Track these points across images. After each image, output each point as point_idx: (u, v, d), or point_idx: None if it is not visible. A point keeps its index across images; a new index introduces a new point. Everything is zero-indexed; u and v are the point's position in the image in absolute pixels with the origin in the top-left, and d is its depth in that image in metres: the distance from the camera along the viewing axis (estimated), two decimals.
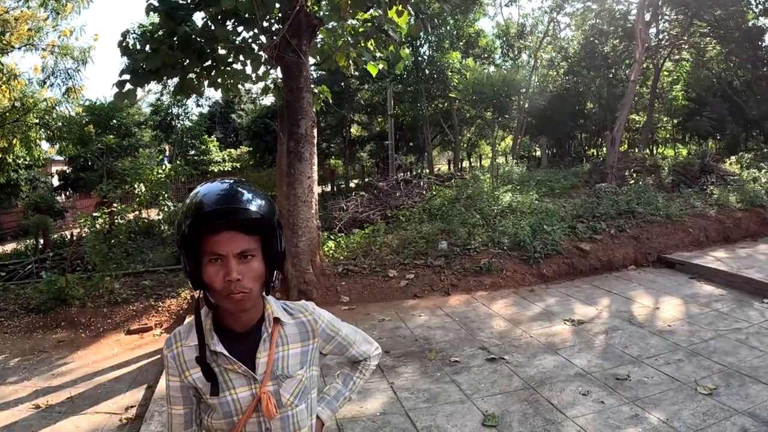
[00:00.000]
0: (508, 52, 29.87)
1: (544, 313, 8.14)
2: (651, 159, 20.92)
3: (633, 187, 14.61)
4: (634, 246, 11.02)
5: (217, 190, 1.77)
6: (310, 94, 9.10)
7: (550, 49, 30.57)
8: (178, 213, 1.82)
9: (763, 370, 5.75)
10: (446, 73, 24.21)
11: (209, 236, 1.71)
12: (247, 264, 1.74)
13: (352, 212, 13.71)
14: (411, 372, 6.20)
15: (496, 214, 12.04)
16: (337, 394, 2.29)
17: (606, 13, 26.60)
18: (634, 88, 19.04)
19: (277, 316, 1.90)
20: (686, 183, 15.82)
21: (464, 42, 26.83)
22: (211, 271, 1.72)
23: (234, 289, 1.70)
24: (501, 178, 16.66)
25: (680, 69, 29.79)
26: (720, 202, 13.06)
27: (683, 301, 8.41)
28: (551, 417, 5.02)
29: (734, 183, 14.77)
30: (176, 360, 1.85)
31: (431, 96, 26.59)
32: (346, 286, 9.39)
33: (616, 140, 17.48)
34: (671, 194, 14.34)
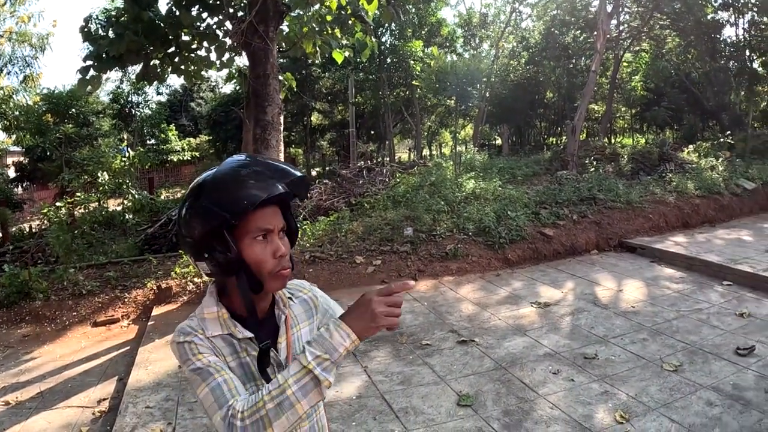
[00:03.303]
0: (469, 42, 29.99)
1: (511, 297, 8.28)
2: (610, 147, 21.20)
3: (594, 174, 14.82)
4: (596, 231, 11.25)
5: (256, 162, 1.71)
6: (277, 81, 9.05)
7: (511, 39, 30.72)
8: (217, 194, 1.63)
9: (725, 347, 5.99)
10: (408, 61, 24.23)
11: (255, 212, 1.62)
12: (283, 239, 1.72)
13: (317, 200, 13.69)
14: (384, 356, 6.27)
15: (460, 201, 12.13)
16: None
17: (567, 4, 26.85)
18: (594, 78, 19.22)
19: (289, 296, 1.91)
20: (645, 171, 16.09)
21: (426, 31, 26.87)
22: (258, 248, 1.65)
23: (285, 265, 1.68)
24: (464, 165, 16.76)
25: (640, 60, 30.11)
26: (679, 189, 13.36)
27: (645, 284, 8.65)
28: (524, 395, 5.14)
29: (692, 171, 15.07)
30: (206, 343, 1.65)
31: (393, 84, 26.61)
32: (314, 273, 9.39)
33: (577, 129, 17.68)
34: (631, 181, 14.59)
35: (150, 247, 11.34)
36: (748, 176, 15.00)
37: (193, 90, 38.43)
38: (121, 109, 29.42)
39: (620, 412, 4.72)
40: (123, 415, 5.16)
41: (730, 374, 5.35)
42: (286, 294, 1.89)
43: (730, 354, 5.82)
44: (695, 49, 24.06)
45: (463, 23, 30.29)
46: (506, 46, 30.75)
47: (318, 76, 28.33)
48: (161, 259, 10.23)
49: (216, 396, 1.55)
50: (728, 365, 5.56)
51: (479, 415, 4.83)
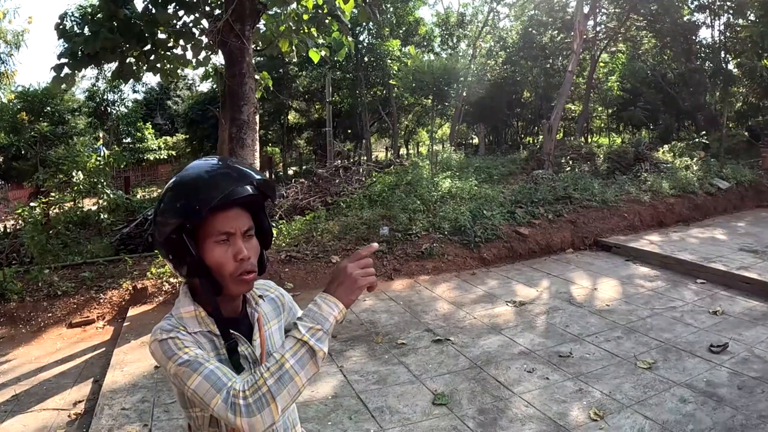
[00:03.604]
0: (447, 41, 30.07)
1: (486, 296, 8.27)
2: (586, 147, 21.33)
3: (569, 173, 14.91)
4: (571, 230, 11.27)
5: (219, 165, 1.72)
6: (252, 80, 9.01)
7: (489, 39, 30.87)
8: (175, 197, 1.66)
9: (698, 344, 6.04)
10: (386, 60, 24.23)
11: (216, 215, 1.63)
12: (249, 242, 1.71)
13: (293, 199, 13.63)
14: (359, 355, 6.24)
15: (436, 200, 12.12)
16: None
17: (545, 5, 27.02)
18: (571, 78, 19.34)
19: (260, 295, 1.91)
20: (621, 170, 16.17)
21: (404, 30, 26.91)
22: (219, 252, 1.65)
23: (246, 269, 1.67)
24: (440, 164, 16.77)
25: (616, 61, 30.40)
26: (654, 188, 13.46)
27: (620, 282, 8.69)
28: (499, 394, 5.14)
29: (667, 170, 15.19)
30: (189, 337, 1.64)
31: (370, 83, 26.63)
32: (290, 273, 9.34)
33: (553, 128, 17.75)
34: (606, 181, 14.65)
35: (126, 247, 11.22)
36: (722, 176, 15.16)
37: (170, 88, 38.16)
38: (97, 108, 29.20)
39: (594, 409, 4.73)
40: (99, 417, 5.09)
41: (703, 371, 5.39)
42: (256, 293, 1.89)
43: (704, 351, 5.87)
44: (671, 50, 24.32)
45: (441, 23, 30.37)
46: (484, 45, 30.89)
47: (295, 75, 28.27)
48: (137, 259, 10.11)
49: (212, 382, 1.54)
50: (702, 362, 5.60)
51: (454, 413, 4.82)
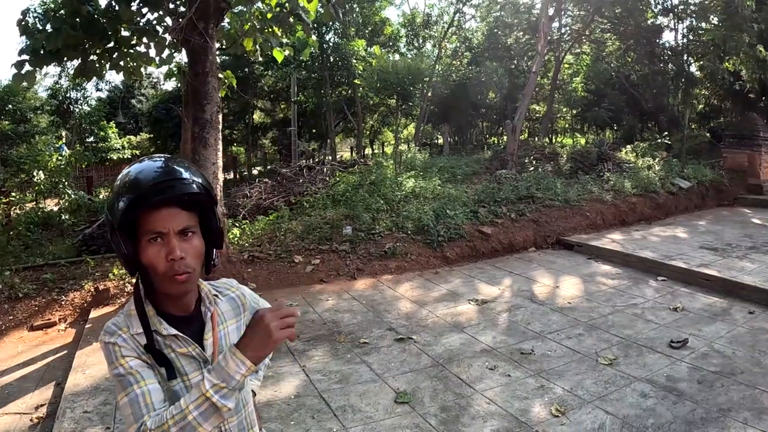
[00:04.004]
0: (413, 41, 30.12)
1: (448, 294, 8.26)
2: (550, 147, 21.49)
3: (532, 173, 15.01)
4: (534, 229, 11.35)
5: (154, 165, 1.70)
6: (215, 79, 8.88)
7: (454, 39, 30.98)
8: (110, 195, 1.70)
9: (659, 340, 6.12)
10: (351, 60, 24.18)
11: (147, 214, 1.63)
12: (188, 242, 1.68)
13: (256, 199, 13.52)
14: (322, 355, 6.19)
15: (400, 200, 12.11)
16: None
17: (511, 6, 27.20)
18: (535, 79, 19.47)
19: (216, 294, 1.88)
20: (584, 170, 16.29)
21: (370, 30, 26.90)
22: (151, 251, 1.64)
23: (178, 269, 1.64)
24: (404, 164, 16.77)
25: (580, 62, 30.67)
26: (616, 188, 13.62)
27: (582, 280, 8.77)
28: (461, 391, 5.13)
29: (630, 170, 15.36)
30: (129, 343, 1.66)
31: (335, 83, 26.55)
32: (253, 273, 9.25)
33: (517, 129, 17.84)
34: (569, 180, 14.77)
35: (88, 248, 11.00)
36: (683, 175, 15.37)
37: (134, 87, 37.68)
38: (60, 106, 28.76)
39: (556, 405, 4.75)
40: (61, 420, 4.97)
41: (664, 366, 5.47)
42: (212, 291, 1.86)
43: (664, 347, 5.95)
44: (635, 52, 24.58)
45: (407, 23, 30.39)
46: (449, 46, 30.99)
47: (260, 74, 28.07)
48: (99, 260, 9.92)
49: (133, 409, 1.59)
50: (662, 358, 5.68)
51: (417, 411, 4.80)
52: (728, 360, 5.60)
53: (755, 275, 8.25)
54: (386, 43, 28.08)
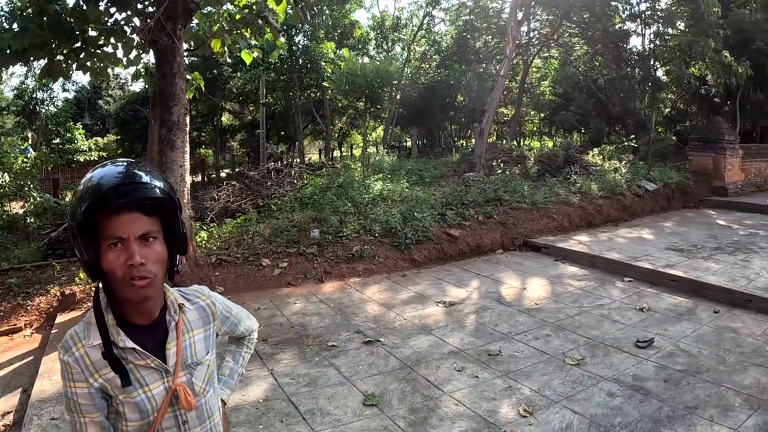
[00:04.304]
0: (382, 44, 30.14)
1: (416, 297, 8.25)
2: (518, 150, 21.60)
3: (500, 176, 15.09)
4: (501, 231, 11.39)
5: (115, 170, 1.67)
6: (183, 81, 8.79)
7: (423, 43, 31.05)
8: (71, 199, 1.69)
9: (626, 340, 6.18)
10: (320, 62, 24.13)
11: (108, 219, 1.61)
12: (149, 247, 1.65)
13: (224, 202, 13.43)
14: (290, 358, 6.14)
15: (368, 203, 12.09)
16: (231, 372, 2.26)
17: (480, 10, 27.28)
18: (503, 82, 19.56)
19: (181, 303, 1.84)
20: (551, 173, 16.38)
21: (339, 32, 26.86)
22: (111, 256, 1.61)
23: (137, 275, 1.61)
24: (372, 167, 16.75)
25: (548, 66, 30.94)
26: (583, 190, 13.73)
27: (549, 282, 8.82)
28: (429, 393, 5.12)
29: (596, 173, 15.48)
30: (80, 363, 1.67)
31: (304, 85, 26.48)
32: (221, 276, 9.16)
33: (485, 132, 17.91)
34: (537, 183, 14.84)
35: (54, 252, 10.82)
36: (649, 178, 15.54)
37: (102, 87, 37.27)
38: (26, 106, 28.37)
39: (524, 406, 4.77)
40: (27, 427, 4.88)
41: (630, 366, 5.52)
42: (178, 299, 1.82)
43: (631, 347, 6.02)
44: (602, 56, 24.79)
45: (377, 26, 30.40)
46: (418, 49, 31.05)
47: (229, 76, 27.93)
48: (65, 264, 9.76)
49: (73, 429, 1.70)
50: (629, 357, 5.74)
51: (385, 414, 4.78)
52: (694, 359, 5.67)
53: (720, 275, 8.38)
54: (355, 46, 28.06)
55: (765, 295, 7.38)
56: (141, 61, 9.52)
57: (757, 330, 6.53)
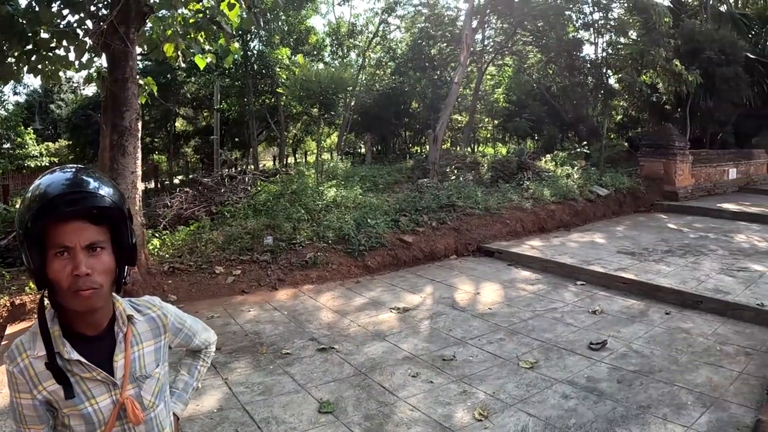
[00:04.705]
0: (337, 51, 30.09)
1: (370, 303, 8.22)
2: (472, 156, 21.74)
3: (454, 182, 15.14)
4: (455, 237, 11.43)
5: (63, 177, 1.63)
6: (135, 86, 8.64)
7: (378, 50, 31.08)
8: (20, 206, 1.65)
9: (579, 343, 6.27)
10: (275, 68, 24.00)
11: (55, 227, 1.57)
12: (96, 257, 1.61)
13: (177, 209, 13.23)
14: (244, 367, 6.06)
15: (321, 209, 12.02)
16: (185, 385, 2.21)
17: (435, 18, 27.38)
18: (457, 89, 19.69)
19: (130, 314, 1.78)
20: (504, 179, 16.52)
21: (295, 38, 26.74)
22: (57, 265, 1.57)
23: (83, 285, 1.57)
24: (326, 173, 16.69)
25: (503, 73, 31.21)
26: (535, 196, 13.88)
27: (502, 286, 8.87)
28: (384, 399, 5.10)
29: (549, 179, 15.65)
30: (25, 374, 1.64)
31: (259, 91, 26.31)
32: (173, 285, 9.01)
33: (439, 138, 17.99)
34: (490, 189, 14.94)
35: (3, 261, 10.55)
36: (601, 183, 15.77)
37: (54, 91, 36.58)
38: None
39: (479, 410, 4.77)
40: None
41: (584, 368, 5.59)
42: (127, 310, 1.77)
43: (584, 349, 6.09)
44: (556, 64, 25.10)
45: (332, 32, 30.36)
46: (373, 56, 31.06)
47: (183, 81, 27.56)
48: (15, 273, 9.51)
49: None
50: (582, 360, 5.81)
51: (340, 421, 4.75)
52: (646, 359, 5.77)
53: (671, 278, 8.55)
54: (311, 52, 27.96)
55: (715, 296, 7.58)
56: (93, 64, 9.35)
57: (708, 330, 6.69)
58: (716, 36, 19.31)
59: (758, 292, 7.80)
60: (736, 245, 11.26)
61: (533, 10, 21.35)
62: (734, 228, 13.26)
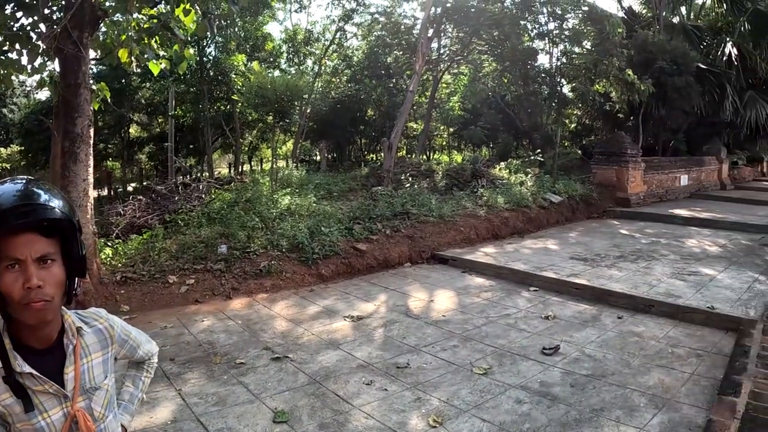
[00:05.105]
0: (293, 58, 29.97)
1: (324, 312, 8.19)
2: (426, 164, 21.82)
3: (408, 190, 15.19)
4: (409, 245, 11.45)
5: (13, 189, 1.62)
6: (88, 91, 8.49)
7: (335, 57, 31.02)
8: None
9: (532, 348, 6.32)
10: (230, 75, 23.83)
11: (5, 240, 1.56)
12: (47, 270, 1.60)
13: (130, 217, 13.04)
14: (198, 377, 5.98)
15: (275, 217, 11.93)
16: (131, 397, 2.20)
17: (392, 26, 27.45)
18: (412, 97, 19.79)
19: (79, 326, 1.76)
20: (459, 186, 16.61)
21: (251, 45, 26.58)
22: (8, 278, 1.56)
23: (34, 297, 1.56)
24: (280, 181, 16.61)
25: (458, 82, 31.44)
26: (489, 203, 14.00)
27: (456, 293, 8.91)
28: (339, 408, 5.08)
29: (503, 186, 15.78)
30: None
31: (214, 98, 26.11)
32: (126, 295, 8.85)
33: (393, 146, 18.02)
34: (444, 196, 15.01)
35: None
36: (555, 190, 15.95)
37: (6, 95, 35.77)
38: None
39: (433, 416, 4.78)
40: None
41: (537, 373, 5.65)
42: (75, 322, 1.76)
43: (537, 354, 6.16)
44: (511, 73, 25.36)
45: (289, 39, 30.25)
46: (329, 63, 31.02)
47: (137, 86, 27.19)
48: None
49: None
50: (535, 365, 5.86)
51: (295, 430, 4.72)
52: (599, 363, 5.85)
53: (623, 282, 8.70)
54: (267, 59, 27.80)
55: (666, 300, 7.74)
56: (46, 68, 9.18)
57: (659, 333, 6.82)
58: (668, 47, 19.80)
59: (708, 296, 8.00)
60: (688, 250, 11.50)
61: (489, 19, 21.52)
62: (685, 233, 13.55)
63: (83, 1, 7.79)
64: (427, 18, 20.19)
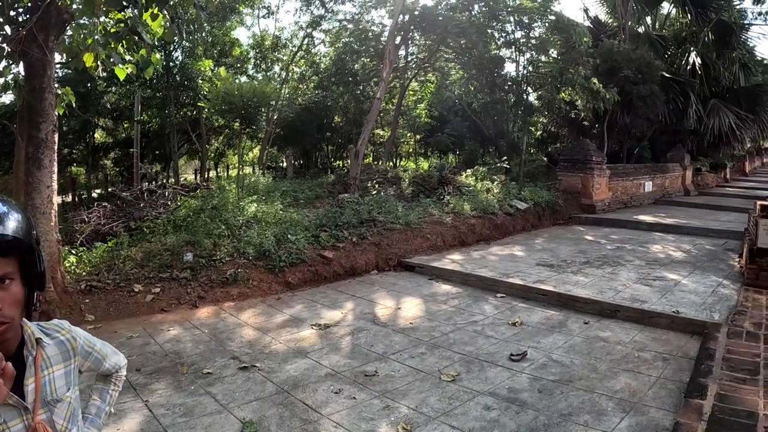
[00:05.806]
0: (261, 64, 29.84)
1: (291, 320, 8.16)
2: (393, 171, 21.85)
3: (375, 197, 15.17)
4: (375, 252, 11.46)
5: None
6: (53, 96, 8.37)
7: (302, 63, 30.94)
8: None
9: (499, 355, 6.36)
10: (197, 80, 23.66)
11: None
12: (5, 290, 1.58)
13: (95, 224, 12.84)
14: (165, 388, 5.91)
15: (242, 225, 11.86)
16: (98, 410, 2.16)
17: (360, 33, 27.45)
18: (379, 104, 19.79)
19: (39, 337, 1.73)
20: (425, 193, 16.66)
21: (218, 50, 26.42)
22: None
23: None
24: (247, 188, 16.51)
25: (425, 89, 31.52)
26: (456, 210, 14.06)
27: (423, 300, 8.93)
28: (307, 417, 5.06)
29: (469, 193, 15.85)
30: None
31: (180, 103, 25.86)
32: (91, 304, 8.72)
33: (360, 153, 18.02)
34: (411, 204, 15.05)
35: None
36: (521, 197, 16.07)
37: None
38: None
39: (402, 424, 4.79)
40: None
41: (505, 379, 5.69)
42: (35, 333, 1.73)
43: (505, 360, 6.20)
44: (477, 81, 25.51)
45: (256, 45, 30.12)
46: (297, 70, 30.93)
47: (103, 91, 26.77)
48: None
49: None
50: (503, 371, 5.90)
51: None
52: (566, 368, 5.91)
53: (589, 288, 8.79)
54: (234, 65, 27.65)
55: (632, 305, 7.84)
56: (10, 72, 9.04)
57: (626, 338, 6.91)
58: (633, 56, 20.11)
59: (673, 300, 8.13)
60: (652, 255, 11.67)
61: (456, 27, 21.60)
62: (650, 239, 13.76)
63: (49, 4, 7.68)
64: (395, 25, 20.24)
